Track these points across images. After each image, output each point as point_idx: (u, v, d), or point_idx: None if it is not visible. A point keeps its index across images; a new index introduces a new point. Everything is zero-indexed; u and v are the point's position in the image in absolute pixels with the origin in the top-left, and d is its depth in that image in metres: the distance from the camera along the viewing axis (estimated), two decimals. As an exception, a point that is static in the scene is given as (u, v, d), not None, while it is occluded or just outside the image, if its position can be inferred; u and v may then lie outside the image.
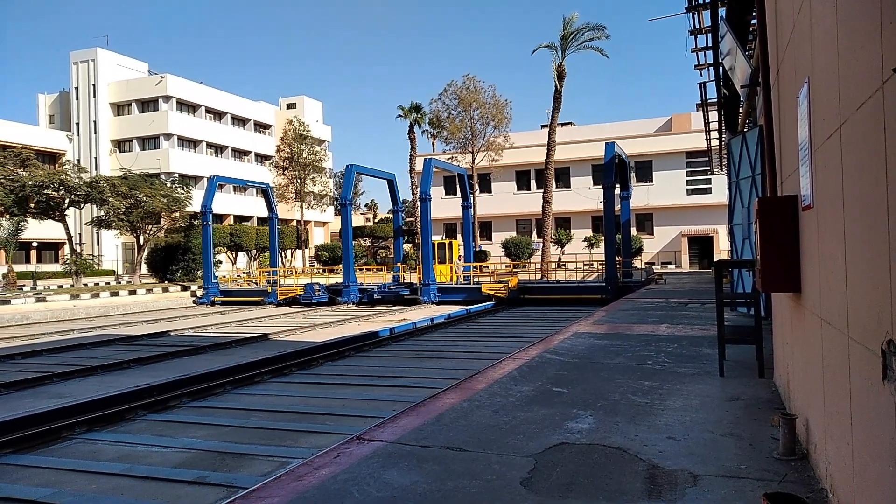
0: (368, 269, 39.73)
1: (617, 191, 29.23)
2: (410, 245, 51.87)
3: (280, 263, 56.56)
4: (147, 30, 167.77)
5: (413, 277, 33.42)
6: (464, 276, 31.89)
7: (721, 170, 32.60)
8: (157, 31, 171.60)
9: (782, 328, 6.18)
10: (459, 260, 34.51)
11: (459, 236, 54.04)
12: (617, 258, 27.52)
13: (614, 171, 26.28)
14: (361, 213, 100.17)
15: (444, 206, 53.17)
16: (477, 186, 49.61)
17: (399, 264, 33.35)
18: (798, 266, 4.51)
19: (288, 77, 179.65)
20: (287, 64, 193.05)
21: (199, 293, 33.06)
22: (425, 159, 29.09)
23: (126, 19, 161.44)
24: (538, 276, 35.58)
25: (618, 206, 30.22)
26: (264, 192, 36.84)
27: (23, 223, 38.66)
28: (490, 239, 52.39)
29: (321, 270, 42.66)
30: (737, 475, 4.19)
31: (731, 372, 7.46)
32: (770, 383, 6.87)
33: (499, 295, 26.42)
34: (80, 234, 52.74)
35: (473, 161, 47.62)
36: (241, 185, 42.21)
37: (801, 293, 4.47)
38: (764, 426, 5.24)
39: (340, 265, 44.80)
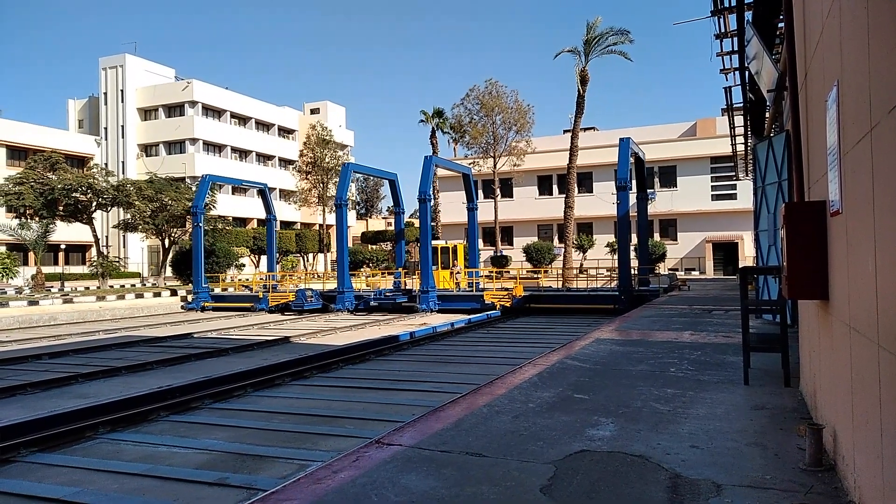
0: (389, 273, 39.60)
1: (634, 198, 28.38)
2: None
3: (302, 267, 56.99)
4: (174, 36, 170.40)
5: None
6: (467, 283, 29.99)
7: (746, 175, 32.20)
8: (184, 37, 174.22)
9: (809, 336, 6.06)
10: (455, 266, 32.38)
11: (480, 240, 54.08)
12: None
13: (630, 170, 24.43)
14: (383, 218, 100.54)
15: (465, 211, 53.11)
16: (498, 191, 49.56)
17: (400, 269, 31.57)
18: (826, 273, 4.42)
19: (312, 82, 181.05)
20: (311, 69, 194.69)
21: (189, 298, 31.00)
22: (425, 157, 27.24)
23: (154, 26, 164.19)
24: (555, 283, 35.29)
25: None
26: (262, 192, 35.61)
27: (51, 225, 39.38)
28: (511, 244, 52.28)
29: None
30: (762, 486, 4.10)
31: (756, 380, 7.33)
32: (796, 392, 6.74)
33: (502, 303, 24.68)
34: (106, 237, 53.59)
35: (495, 166, 47.60)
36: (239, 185, 40.84)
37: (829, 300, 4.38)
38: (790, 436, 5.14)
39: (360, 269, 44.87)
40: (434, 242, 33.70)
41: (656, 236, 47.70)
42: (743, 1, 10.71)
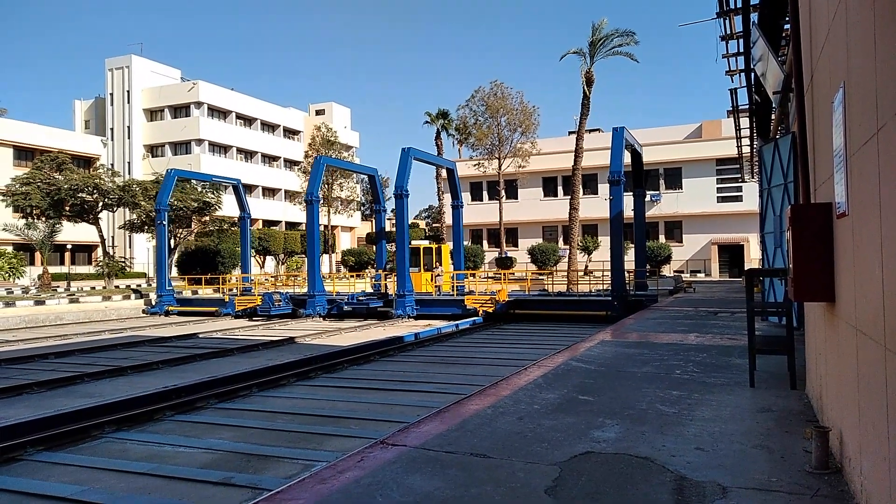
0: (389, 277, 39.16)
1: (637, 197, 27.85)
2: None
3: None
4: (180, 37, 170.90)
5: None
6: (452, 286, 27.85)
7: (752, 177, 32.11)
8: (190, 38, 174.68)
9: (815, 338, 6.04)
10: (437, 268, 30.09)
11: (485, 242, 54.05)
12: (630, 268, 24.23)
13: (622, 162, 22.00)
14: (388, 219, 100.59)
15: (470, 212, 53.08)
16: (503, 192, 49.53)
17: (380, 271, 29.48)
18: (832, 275, 4.40)
19: (317, 84, 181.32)
20: (317, 71, 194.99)
21: (154, 300, 29.04)
22: (403, 149, 25.05)
23: (160, 27, 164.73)
24: (550, 286, 35.18)
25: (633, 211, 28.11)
26: (235, 188, 34.39)
27: (58, 226, 39.53)
28: (516, 245, 52.23)
29: (347, 276, 42.55)
30: (767, 488, 4.09)
31: (761, 383, 7.31)
32: (802, 395, 6.72)
33: (485, 309, 22.72)
34: (112, 237, 53.81)
35: (500, 167, 47.58)
36: (210, 181, 39.22)
37: (836, 303, 4.37)
38: (796, 438, 5.12)
39: (365, 270, 44.72)
40: (415, 242, 31.88)
41: (661, 238, 47.61)
42: (749, 2, 10.69)
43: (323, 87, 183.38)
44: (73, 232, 45.97)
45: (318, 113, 74.55)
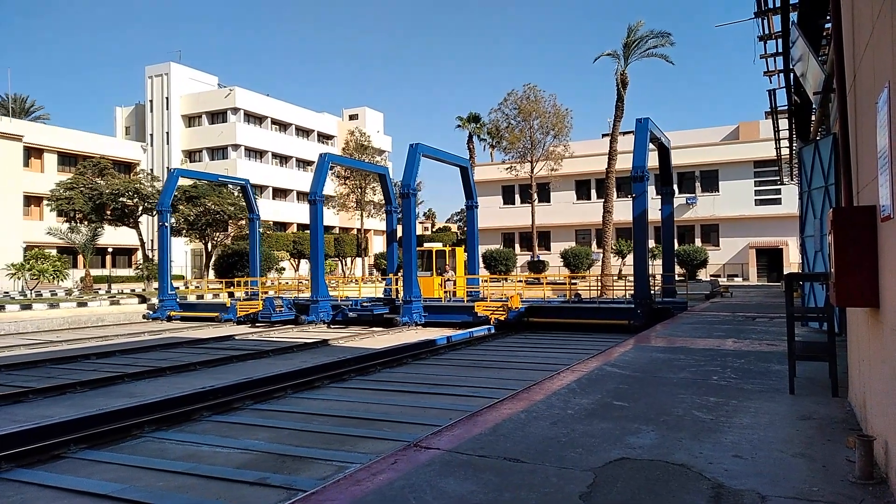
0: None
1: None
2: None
3: (340, 271, 57.52)
4: (217, 45, 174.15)
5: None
6: (466, 292, 26.25)
7: (791, 180, 31.42)
8: (227, 46, 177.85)
9: (858, 344, 5.89)
10: (448, 272, 28.42)
11: (517, 245, 53.85)
12: (651, 272, 21.64)
13: (647, 157, 20.16)
14: (420, 223, 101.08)
15: (502, 215, 53.07)
16: (535, 196, 49.33)
17: (391, 275, 27.88)
18: (876, 279, 4.29)
19: (351, 89, 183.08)
20: (350, 76, 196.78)
21: (157, 305, 28.11)
22: (410, 145, 23.30)
23: (198, 35, 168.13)
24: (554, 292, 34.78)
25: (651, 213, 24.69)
26: (243, 188, 33.34)
27: (99, 229, 40.55)
28: (549, 249, 51.92)
29: (378, 279, 42.71)
30: (808, 498, 3.99)
31: (801, 390, 7.15)
32: (844, 402, 6.55)
33: (497, 317, 21.14)
34: (152, 241, 54.95)
35: (532, 170, 47.41)
36: (213, 180, 38.61)
37: (880, 308, 4.25)
38: (838, 447, 4.99)
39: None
40: (428, 245, 31.07)
41: (697, 242, 46.89)
42: (788, 2, 10.48)
43: (356, 92, 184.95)
44: (114, 235, 47.09)
45: (352, 118, 75.26)
